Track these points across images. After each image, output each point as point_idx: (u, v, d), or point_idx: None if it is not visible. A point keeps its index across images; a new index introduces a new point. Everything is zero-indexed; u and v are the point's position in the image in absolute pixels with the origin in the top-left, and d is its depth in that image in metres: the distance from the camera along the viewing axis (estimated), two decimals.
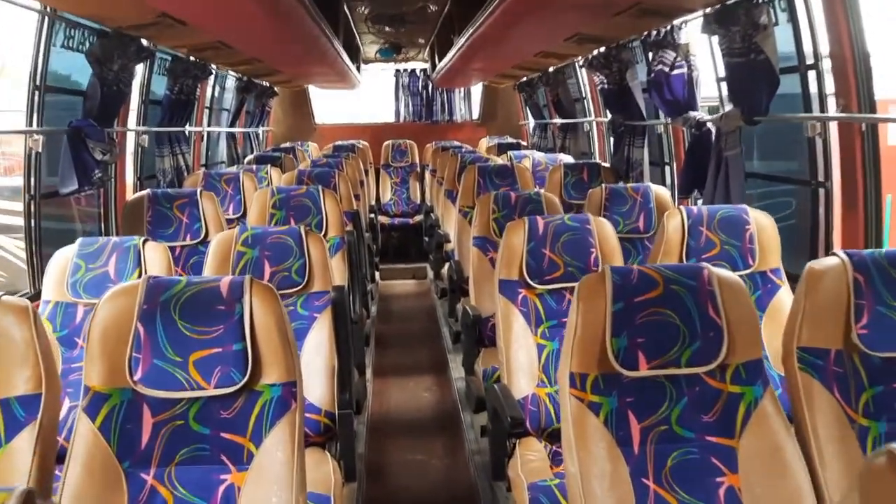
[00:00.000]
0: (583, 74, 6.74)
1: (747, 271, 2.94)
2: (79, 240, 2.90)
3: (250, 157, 7.11)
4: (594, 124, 6.61)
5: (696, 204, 4.29)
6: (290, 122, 10.14)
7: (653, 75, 3.97)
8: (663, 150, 4.79)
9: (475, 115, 10.52)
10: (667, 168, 4.81)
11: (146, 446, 1.74)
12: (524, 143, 8.85)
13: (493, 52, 5.71)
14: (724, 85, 3.71)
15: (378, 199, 9.10)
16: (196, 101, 5.50)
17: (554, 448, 2.61)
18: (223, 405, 1.77)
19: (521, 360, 2.76)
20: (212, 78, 6.25)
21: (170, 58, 4.68)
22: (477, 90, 10.47)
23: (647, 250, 3.95)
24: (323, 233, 3.82)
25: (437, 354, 5.30)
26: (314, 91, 10.14)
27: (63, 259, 2.83)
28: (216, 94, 6.64)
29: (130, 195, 4.49)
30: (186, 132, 5.30)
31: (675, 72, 3.82)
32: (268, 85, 8.29)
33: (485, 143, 9.81)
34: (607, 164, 5.26)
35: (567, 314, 2.86)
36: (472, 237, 3.98)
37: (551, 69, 7.18)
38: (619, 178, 5.13)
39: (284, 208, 3.84)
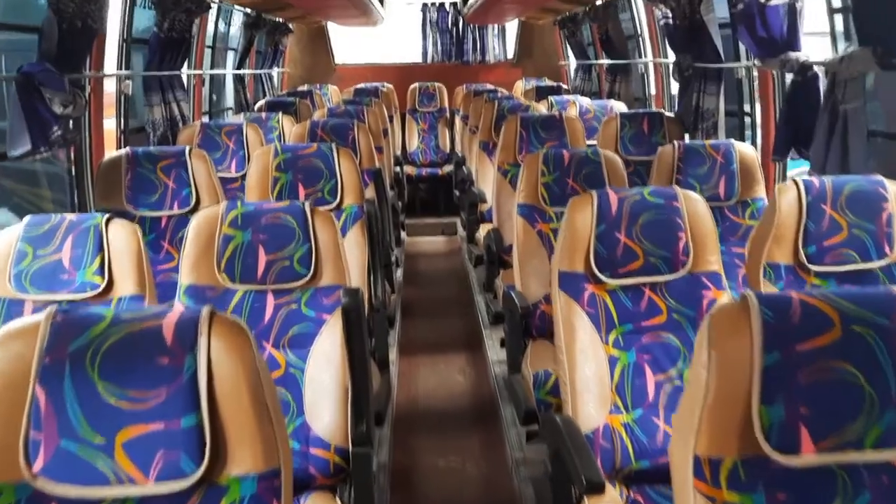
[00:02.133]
0: (639, 8, 5.95)
1: (883, 262, 2.30)
2: (25, 218, 2.32)
3: (261, 102, 6.47)
4: (650, 66, 5.85)
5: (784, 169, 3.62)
6: (307, 63, 9.43)
7: (741, 6, 3.25)
8: (743, 99, 4.07)
9: (510, 55, 9.71)
10: (747, 120, 4.09)
11: None
12: (565, 87, 8.10)
13: None
14: (838, 18, 3.00)
15: (404, 147, 8.48)
16: (194, 40, 4.86)
17: (632, 496, 2.04)
18: None
19: (587, 377, 2.17)
20: (213, 12, 5.59)
21: None
22: (512, 28, 9.64)
23: (728, 222, 3.30)
24: (338, 201, 3.23)
25: (472, 329, 4.75)
26: (334, 29, 9.40)
27: (5, 244, 2.26)
28: (220, 31, 5.98)
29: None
30: (183, 76, 4.67)
31: (774, 1, 3.10)
32: (281, 21, 7.59)
33: (521, 85, 9.09)
34: (671, 114, 4.55)
35: (647, 315, 2.33)
36: (516, 204, 3.35)
37: (599, 2, 6.40)
38: (685, 131, 4.43)
39: (291, 171, 3.24)
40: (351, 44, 9.72)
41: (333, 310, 2.24)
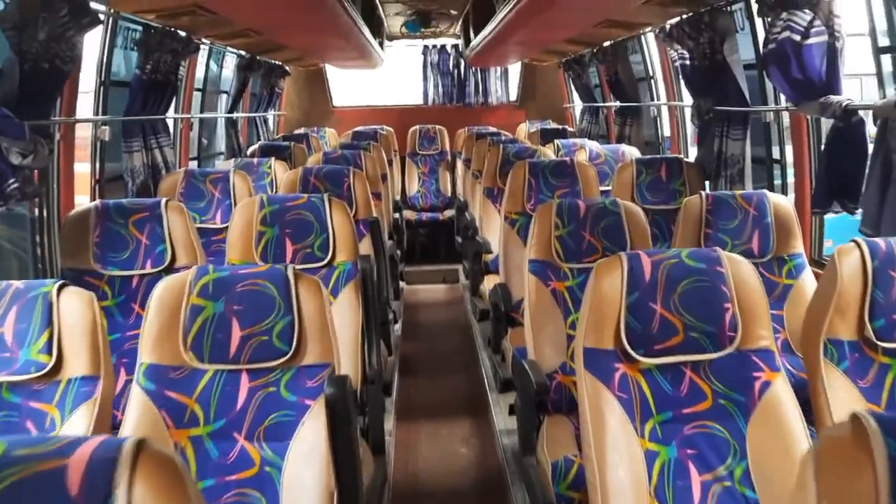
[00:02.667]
0: (651, 48, 5.72)
1: None
2: None
3: (254, 147, 6.21)
4: (664, 109, 5.59)
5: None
6: (305, 106, 9.21)
7: (773, 45, 2.97)
8: (771, 145, 3.78)
9: (512, 97, 9.50)
10: (775, 168, 3.80)
11: None
12: (570, 129, 7.86)
13: (546, 21, 4.73)
14: (886, 58, 2.72)
15: (404, 191, 8.21)
16: (181, 82, 4.59)
17: None
18: None
19: (620, 479, 1.83)
20: (204, 54, 5.34)
21: (140, 28, 3.77)
22: (514, 69, 9.46)
23: (763, 281, 2.98)
24: (329, 257, 2.92)
25: (476, 391, 4.39)
26: (332, 71, 9.20)
27: None
28: (212, 73, 5.73)
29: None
30: (169, 120, 4.39)
31: (811, 40, 2.82)
32: (278, 63, 7.37)
33: (524, 128, 8.87)
34: (690, 160, 4.27)
35: (689, 401, 2.00)
36: (527, 259, 3.04)
37: (607, 43, 6.17)
38: (706, 178, 4.14)
39: (277, 224, 2.93)
40: (350, 86, 9.53)
41: (318, 394, 1.91)
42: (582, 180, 4.16)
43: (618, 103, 6.45)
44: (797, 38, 2.85)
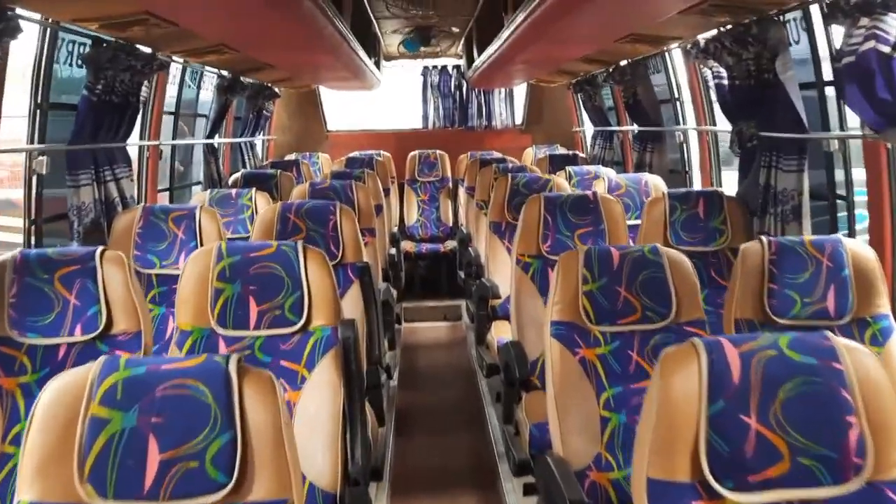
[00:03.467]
0: (675, 67, 5.19)
1: None
2: None
3: (236, 176, 5.66)
4: (692, 134, 5.05)
5: None
6: (296, 130, 8.68)
7: (852, 58, 2.43)
8: (833, 177, 3.23)
9: (518, 120, 8.98)
10: (836, 204, 3.24)
11: None
12: (581, 155, 7.32)
13: (562, 36, 4.21)
14: None
15: (402, 221, 7.69)
16: (148, 104, 4.06)
17: None
18: None
19: None
20: (177, 74, 4.81)
21: (88, 42, 3.22)
22: (520, 91, 8.94)
23: None
24: (304, 321, 2.35)
25: (485, 462, 3.82)
26: (327, 94, 8.69)
27: None
28: (187, 95, 5.20)
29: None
30: (131, 148, 3.84)
31: None
32: (265, 84, 6.85)
33: (531, 153, 8.35)
34: (730, 194, 3.71)
35: None
36: (549, 321, 2.48)
37: (624, 62, 5.65)
38: (751, 215, 3.58)
39: (239, 280, 2.36)
40: (345, 109, 9.01)
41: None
42: (607, 218, 3.60)
43: (636, 127, 5.92)
44: (885, 49, 2.30)
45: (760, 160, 3.48)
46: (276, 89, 7.38)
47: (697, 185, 4.99)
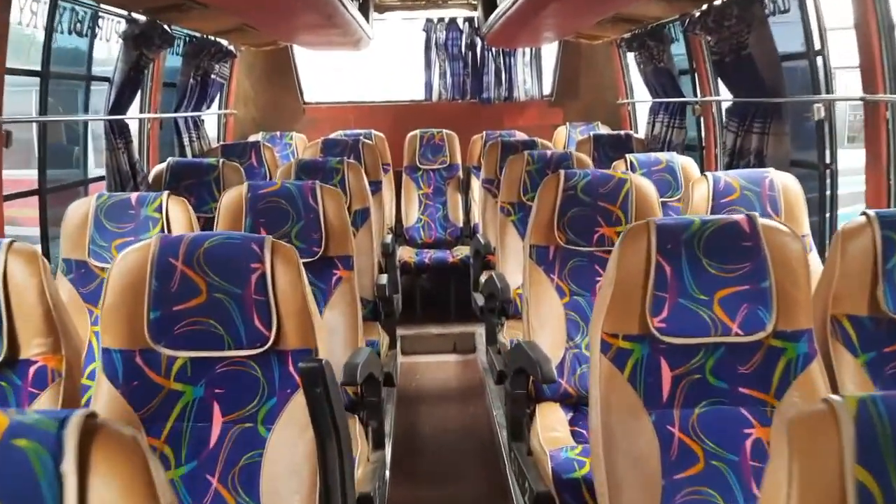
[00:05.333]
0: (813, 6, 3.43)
1: None
2: None
3: (159, 168, 3.98)
4: (842, 106, 3.30)
5: None
6: (263, 103, 6.91)
7: None
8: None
9: (546, 90, 7.18)
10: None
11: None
12: (636, 136, 5.60)
13: None
14: None
15: (399, 219, 6.15)
16: None
17: None
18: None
19: None
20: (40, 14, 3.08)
21: None
22: (548, 53, 7.13)
23: None
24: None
25: None
26: (304, 55, 6.92)
27: None
28: (64, 46, 3.47)
29: None
30: None
31: None
32: (211, 38, 5.13)
33: (563, 133, 6.65)
34: None
35: None
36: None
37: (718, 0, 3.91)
38: None
39: None
40: (327, 75, 7.25)
41: None
42: (775, 263, 1.87)
43: (728, 98, 4.19)
44: None
45: None
46: (232, 47, 5.65)
47: (849, 189, 3.27)
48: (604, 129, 6.61)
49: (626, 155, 4.21)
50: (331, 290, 2.85)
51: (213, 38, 5.11)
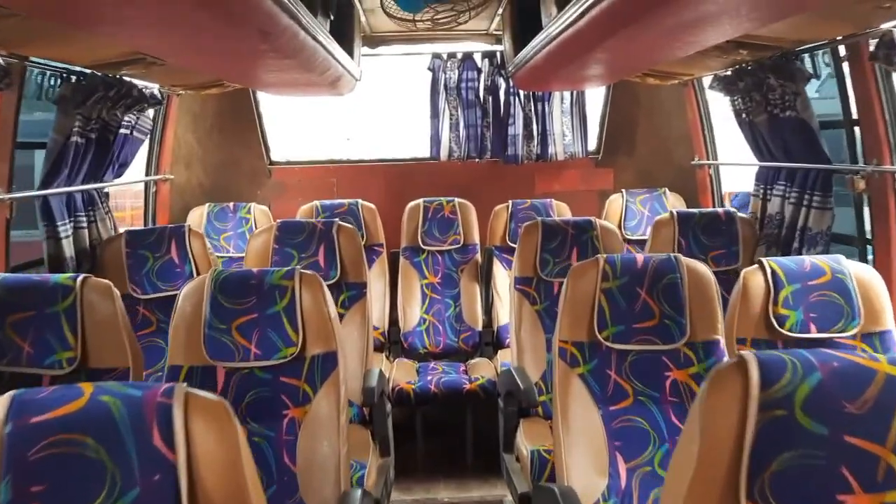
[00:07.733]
0: None
1: None
2: None
3: None
4: None
5: None
6: (214, 162, 5.26)
7: None
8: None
9: (591, 146, 5.51)
10: None
11: None
12: (740, 215, 3.90)
13: None
14: None
15: (396, 320, 4.75)
16: None
17: None
18: None
19: None
20: None
21: None
22: (594, 99, 5.48)
23: None
24: None
25: None
26: (270, 100, 5.29)
27: None
28: None
29: None
30: None
31: None
32: (118, 77, 3.50)
33: (618, 204, 5.02)
34: None
35: None
36: None
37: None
38: None
39: None
40: (301, 126, 5.63)
41: None
42: None
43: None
44: None
45: None
46: (156, 89, 4.01)
47: None
48: (674, 199, 4.97)
49: (762, 260, 2.52)
50: None
51: (116, 75, 3.47)
